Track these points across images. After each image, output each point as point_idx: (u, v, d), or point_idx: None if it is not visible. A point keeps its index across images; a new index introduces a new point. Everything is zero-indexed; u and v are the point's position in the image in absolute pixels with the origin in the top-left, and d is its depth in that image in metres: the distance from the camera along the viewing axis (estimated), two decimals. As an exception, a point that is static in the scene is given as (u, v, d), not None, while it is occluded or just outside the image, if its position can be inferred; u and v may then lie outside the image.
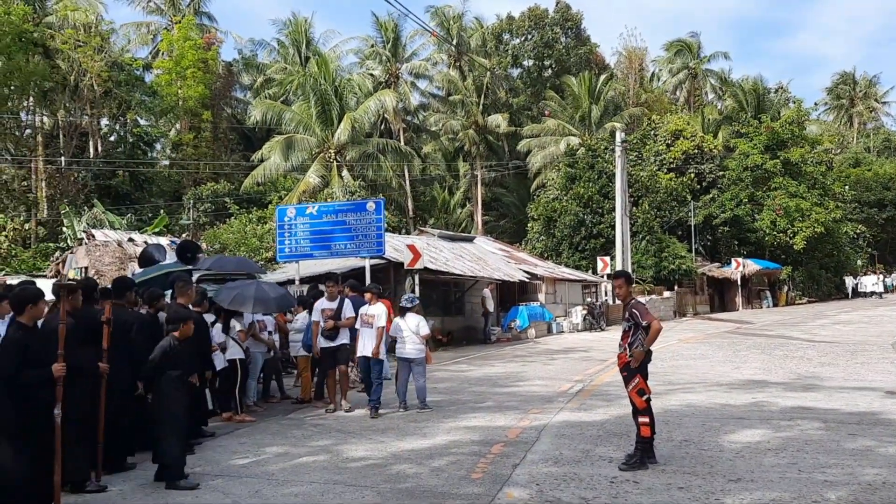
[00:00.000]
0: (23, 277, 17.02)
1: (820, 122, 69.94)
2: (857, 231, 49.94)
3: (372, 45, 50.68)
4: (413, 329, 10.48)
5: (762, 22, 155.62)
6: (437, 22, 51.27)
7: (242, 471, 7.22)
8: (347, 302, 10.68)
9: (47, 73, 34.64)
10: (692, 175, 40.77)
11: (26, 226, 33.44)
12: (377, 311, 10.37)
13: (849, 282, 47.97)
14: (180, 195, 40.00)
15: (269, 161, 38.00)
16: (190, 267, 10.96)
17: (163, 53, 43.11)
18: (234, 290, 10.14)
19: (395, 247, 20.57)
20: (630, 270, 29.48)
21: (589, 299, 30.49)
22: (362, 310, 10.48)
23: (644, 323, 7.02)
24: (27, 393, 5.46)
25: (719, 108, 58.37)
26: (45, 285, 8.09)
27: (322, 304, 10.65)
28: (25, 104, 37.98)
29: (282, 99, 44.98)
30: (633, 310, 7.19)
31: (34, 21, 35.52)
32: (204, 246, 20.80)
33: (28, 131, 39.07)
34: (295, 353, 11.98)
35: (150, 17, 46.33)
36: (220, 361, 9.58)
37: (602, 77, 49.39)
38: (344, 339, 10.50)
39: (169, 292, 8.84)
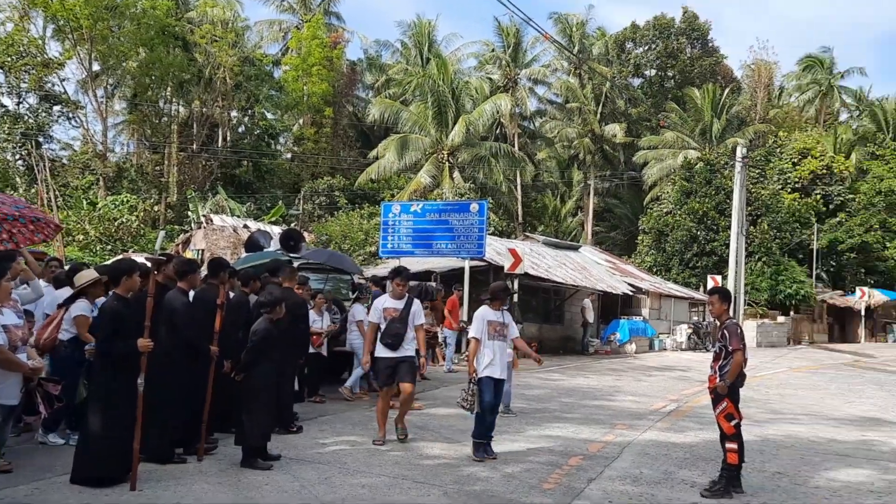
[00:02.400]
0: (147, 255, 18.14)
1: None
2: None
3: (492, 50, 50.82)
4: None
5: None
6: (560, 28, 50.83)
7: (317, 457, 7.37)
8: (417, 303, 8.46)
9: (185, 65, 36.87)
10: (818, 197, 38.56)
11: (156, 207, 35.65)
12: (507, 319, 7.98)
13: None
14: (299, 187, 41.54)
15: (384, 159, 38.80)
16: (290, 255, 11.31)
17: (292, 51, 44.99)
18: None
19: (498, 250, 20.53)
20: (743, 292, 28.19)
21: (695, 318, 29.38)
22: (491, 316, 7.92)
23: (730, 348, 6.69)
24: (117, 362, 5.76)
25: (854, 127, 54.88)
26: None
27: (384, 301, 8.40)
28: (164, 94, 40.54)
29: (401, 99, 45.86)
30: (726, 331, 6.85)
31: (176, 16, 37.89)
32: (311, 237, 21.48)
33: (164, 119, 41.66)
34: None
35: (283, 16, 48.53)
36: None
37: (727, 90, 47.51)
38: (410, 350, 8.23)
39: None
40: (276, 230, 20.43)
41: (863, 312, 36.27)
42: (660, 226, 35.54)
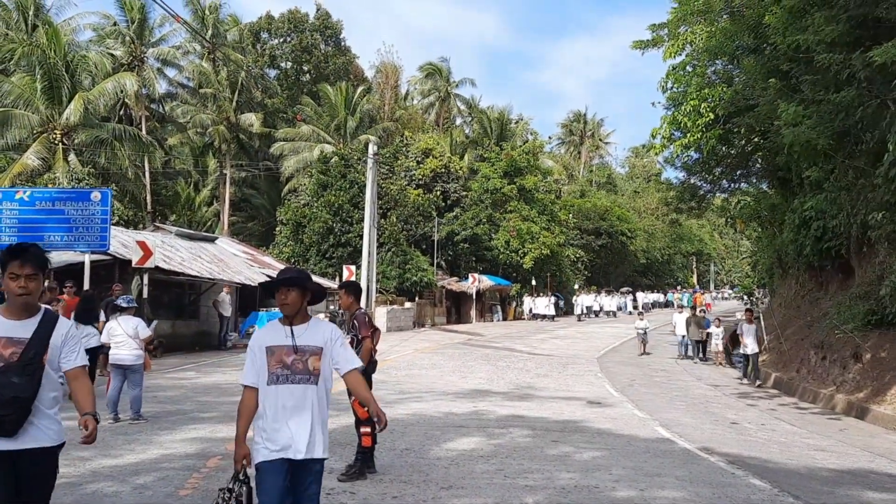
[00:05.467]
0: None
1: (553, 154, 77.04)
2: (577, 255, 55.61)
3: (114, 24, 46.46)
4: (131, 333, 9.60)
5: (511, 53, 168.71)
6: (192, 10, 48.49)
7: None
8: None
9: None
10: (438, 192, 42.62)
11: None
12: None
13: (527, 303, 46.44)
14: None
15: (-22, 136, 33.17)
16: None
17: None
18: None
19: (124, 242, 18.96)
20: (375, 280, 29.97)
21: (332, 307, 30.46)
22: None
23: (360, 336, 7.09)
24: None
25: (466, 131, 61.83)
26: None
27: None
28: None
29: (0, 68, 39.58)
30: (355, 321, 7.23)
31: None
32: None
33: None
34: None
35: None
36: None
37: (360, 89, 50.00)
38: None
39: None
40: None
41: (474, 296, 41.16)
42: (297, 217, 36.12)
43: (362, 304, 8.60)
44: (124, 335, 9.52)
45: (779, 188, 23.32)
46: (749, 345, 17.69)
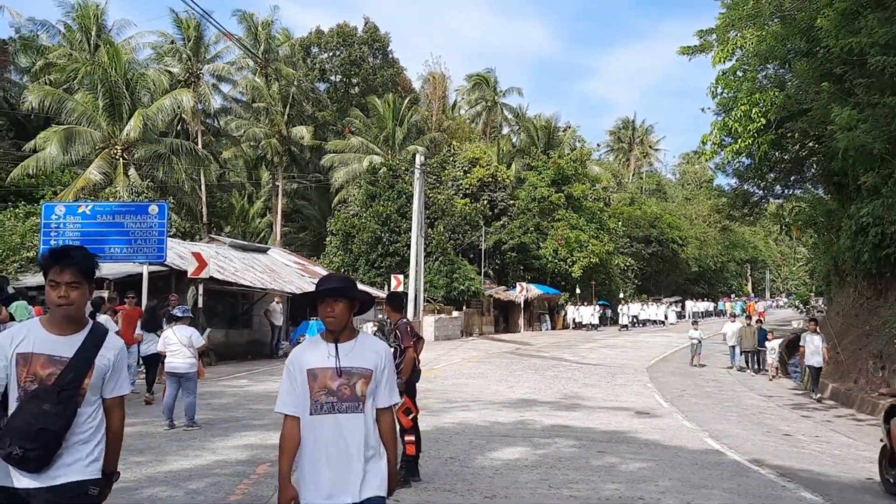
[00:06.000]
0: None
1: (601, 162, 76.41)
2: (627, 263, 54.99)
3: (172, 42, 47.98)
4: (185, 342, 9.91)
5: (559, 64, 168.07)
6: (245, 27, 49.75)
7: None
8: None
9: None
10: (485, 202, 42.73)
11: None
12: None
13: (570, 312, 45.20)
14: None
15: (45, 152, 34.46)
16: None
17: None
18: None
19: (180, 254, 19.50)
20: (422, 289, 30.18)
21: (380, 315, 30.75)
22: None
23: (402, 346, 7.19)
24: None
25: (514, 140, 61.83)
26: None
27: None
28: None
29: (64, 87, 41.12)
30: (398, 331, 7.34)
31: None
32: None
33: None
34: None
35: None
36: None
37: (407, 100, 50.51)
38: None
39: None
40: None
41: (522, 305, 41.05)
42: (347, 228, 36.64)
43: (410, 313, 8.78)
44: (179, 344, 9.84)
45: (835, 193, 22.71)
46: (814, 357, 16.73)
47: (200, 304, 18.68)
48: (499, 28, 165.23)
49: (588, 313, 43.82)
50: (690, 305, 57.20)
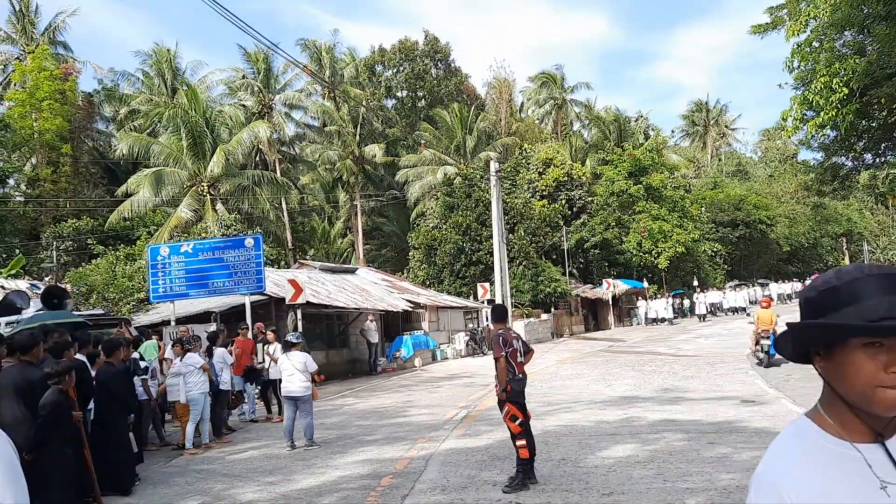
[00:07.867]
0: None
1: (677, 148, 74.80)
2: (714, 249, 53.63)
3: (243, 76, 49.94)
4: (300, 367, 10.46)
5: (625, 51, 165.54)
6: (309, 54, 51.27)
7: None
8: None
9: None
10: (563, 201, 42.59)
11: None
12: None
13: (642, 307, 42.41)
14: (38, 234, 37.65)
15: (137, 196, 36.47)
16: (73, 316, 10.44)
17: (15, 84, 40.74)
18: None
19: (276, 282, 20.32)
20: (509, 295, 30.38)
21: (471, 325, 31.13)
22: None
23: (494, 356, 7.55)
24: None
25: (585, 136, 61.31)
26: None
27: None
28: None
29: (148, 131, 43.38)
30: (491, 343, 7.70)
31: None
32: (69, 289, 19.75)
33: None
34: (173, 398, 11.58)
35: (0, 47, 43.72)
36: None
37: (473, 108, 50.86)
38: None
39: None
40: (22, 284, 18.54)
41: (610, 301, 40.68)
42: (428, 241, 37.19)
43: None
44: (293, 369, 10.41)
45: (930, 157, 21.78)
46: None
47: (300, 329, 19.43)
48: (559, 23, 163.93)
49: (661, 306, 39.92)
50: (775, 287, 53.60)
